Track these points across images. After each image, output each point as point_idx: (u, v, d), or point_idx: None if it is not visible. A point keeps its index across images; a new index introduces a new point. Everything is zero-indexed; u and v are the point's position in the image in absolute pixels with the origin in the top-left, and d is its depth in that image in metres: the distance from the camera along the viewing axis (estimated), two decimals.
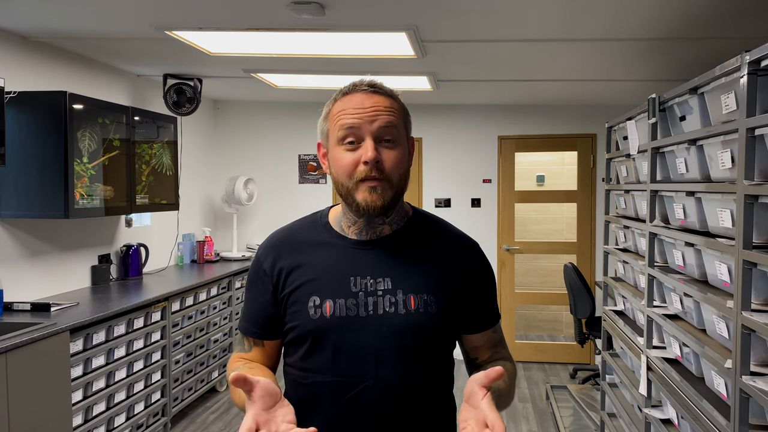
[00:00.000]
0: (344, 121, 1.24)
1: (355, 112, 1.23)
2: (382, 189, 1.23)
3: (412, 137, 1.34)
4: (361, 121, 1.23)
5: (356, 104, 1.24)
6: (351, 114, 1.23)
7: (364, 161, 1.21)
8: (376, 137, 1.23)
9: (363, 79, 1.29)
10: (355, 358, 1.24)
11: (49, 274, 3.68)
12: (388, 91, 1.29)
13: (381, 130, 1.23)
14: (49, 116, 3.32)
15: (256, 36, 3.26)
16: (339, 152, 1.25)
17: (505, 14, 2.86)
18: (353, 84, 1.28)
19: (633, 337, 2.92)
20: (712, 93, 2.05)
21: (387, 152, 1.24)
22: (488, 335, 1.37)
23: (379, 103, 1.25)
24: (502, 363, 1.35)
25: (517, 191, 5.84)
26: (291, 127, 5.92)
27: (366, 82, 1.28)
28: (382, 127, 1.23)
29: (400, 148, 1.26)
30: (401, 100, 1.32)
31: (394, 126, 1.25)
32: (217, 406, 4.58)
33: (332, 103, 1.29)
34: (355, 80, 1.29)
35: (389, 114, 1.25)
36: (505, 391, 1.26)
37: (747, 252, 1.74)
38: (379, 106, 1.24)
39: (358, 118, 1.23)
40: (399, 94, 1.32)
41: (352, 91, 1.27)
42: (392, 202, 1.26)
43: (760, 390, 1.65)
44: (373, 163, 1.21)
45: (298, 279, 1.29)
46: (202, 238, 5.44)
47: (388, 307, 1.25)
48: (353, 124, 1.23)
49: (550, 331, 6.74)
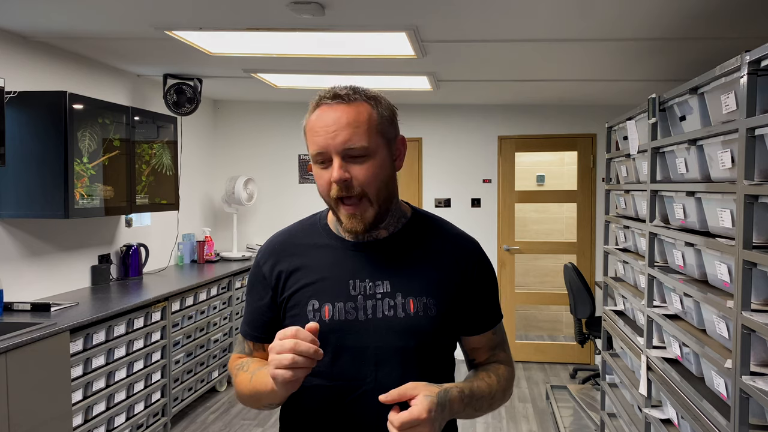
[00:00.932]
0: (313, 140, 1.22)
1: (320, 131, 1.20)
2: (361, 211, 1.22)
3: (401, 135, 1.30)
4: (325, 141, 1.19)
5: (321, 121, 1.21)
6: (316, 133, 1.21)
7: (333, 181, 1.20)
8: (343, 155, 1.19)
9: (334, 87, 1.24)
10: (354, 362, 1.23)
11: (49, 274, 3.68)
12: (359, 97, 1.22)
13: (345, 147, 1.19)
14: (49, 116, 3.32)
15: (256, 36, 3.26)
16: (316, 170, 1.25)
17: (505, 14, 2.86)
18: (319, 95, 1.24)
19: (633, 337, 2.92)
20: (712, 93, 2.05)
21: (357, 168, 1.20)
22: (488, 337, 1.36)
23: (342, 117, 1.19)
24: (495, 367, 1.35)
25: (517, 191, 5.84)
26: (291, 127, 5.92)
27: (331, 93, 1.22)
28: (346, 144, 1.19)
29: (372, 160, 1.21)
30: (381, 100, 1.26)
31: (361, 140, 1.19)
32: (217, 406, 4.58)
33: (308, 114, 1.26)
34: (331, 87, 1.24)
35: (353, 127, 1.19)
36: (485, 394, 1.27)
37: (747, 252, 1.74)
38: (341, 121, 1.19)
39: (322, 137, 1.20)
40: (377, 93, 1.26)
41: (318, 103, 1.24)
42: (376, 219, 1.24)
43: (760, 390, 1.65)
44: (341, 183, 1.19)
45: (296, 283, 1.29)
46: (202, 238, 5.44)
47: (387, 311, 1.24)
48: (319, 144, 1.20)
49: (550, 331, 6.73)
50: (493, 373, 1.33)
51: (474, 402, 1.23)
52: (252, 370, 1.29)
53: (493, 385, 1.29)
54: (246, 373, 1.30)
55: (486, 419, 4.39)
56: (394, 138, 1.28)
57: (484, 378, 1.30)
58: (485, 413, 1.30)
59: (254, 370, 1.28)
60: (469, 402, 1.22)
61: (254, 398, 1.27)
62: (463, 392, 1.21)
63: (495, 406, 1.31)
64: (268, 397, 1.21)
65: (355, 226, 1.22)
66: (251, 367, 1.30)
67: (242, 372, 1.31)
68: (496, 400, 1.31)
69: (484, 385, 1.27)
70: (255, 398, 1.27)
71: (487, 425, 4.30)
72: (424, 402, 1.10)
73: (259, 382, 1.23)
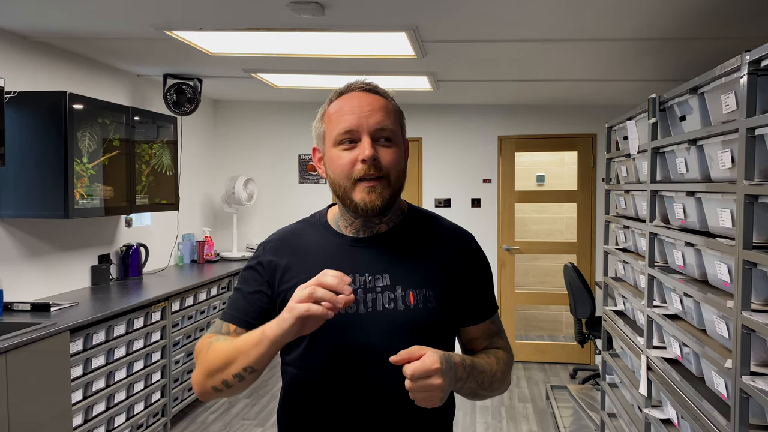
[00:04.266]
0: (341, 119, 1.24)
1: (353, 110, 1.24)
2: (381, 188, 1.23)
3: (407, 139, 1.35)
4: (358, 120, 1.23)
5: (353, 104, 1.25)
6: (348, 113, 1.24)
7: (362, 159, 1.21)
8: (373, 136, 1.24)
9: (358, 80, 1.30)
10: (354, 355, 1.24)
11: (49, 274, 3.68)
12: (383, 92, 1.30)
13: (378, 128, 1.24)
14: (49, 116, 3.32)
15: (256, 36, 3.26)
16: (336, 152, 1.25)
17: (505, 14, 2.87)
18: (348, 84, 1.29)
19: (633, 337, 2.92)
20: (712, 93, 2.05)
21: (384, 150, 1.24)
22: (485, 326, 1.38)
23: (375, 102, 1.26)
24: (494, 351, 1.36)
25: (517, 191, 5.84)
26: (291, 127, 5.92)
27: (361, 82, 1.29)
28: (379, 125, 1.24)
29: (396, 147, 1.27)
30: (396, 102, 1.33)
31: (391, 125, 1.25)
32: (217, 406, 4.57)
33: (327, 104, 1.30)
34: (351, 81, 1.30)
35: (385, 113, 1.26)
36: (486, 370, 1.27)
37: (747, 252, 1.74)
38: (374, 104, 1.26)
39: (355, 116, 1.23)
40: (394, 96, 1.33)
41: (347, 90, 1.28)
42: (390, 202, 1.26)
43: (760, 390, 1.65)
44: (370, 160, 1.21)
45: (295, 277, 1.28)
46: (202, 238, 5.44)
47: (387, 304, 1.25)
48: (350, 122, 1.23)
49: (550, 331, 6.73)
50: (493, 355, 1.34)
51: (476, 373, 1.24)
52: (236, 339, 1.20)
53: (493, 365, 1.31)
54: (225, 342, 1.22)
55: (486, 419, 4.39)
56: (404, 137, 1.34)
57: (483, 357, 1.31)
58: (486, 394, 1.30)
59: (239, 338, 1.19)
60: (470, 372, 1.22)
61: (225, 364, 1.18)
62: (464, 360, 1.22)
63: (495, 386, 1.31)
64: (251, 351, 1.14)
65: (374, 200, 1.23)
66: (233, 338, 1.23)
67: (218, 342, 1.23)
68: (497, 380, 1.31)
69: (484, 362, 1.29)
70: (226, 363, 1.18)
71: (487, 425, 4.30)
72: (434, 355, 1.11)
73: (244, 341, 1.16)
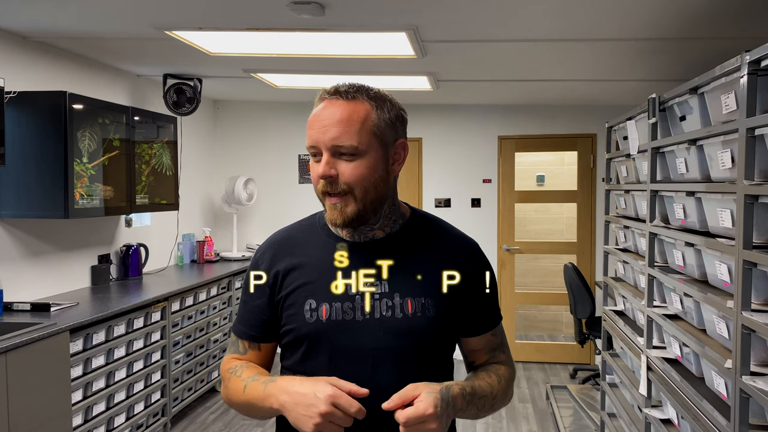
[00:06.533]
0: (308, 132, 1.23)
1: (315, 125, 1.22)
2: (342, 205, 1.22)
3: (402, 139, 1.28)
4: (317, 135, 1.21)
5: (320, 116, 1.22)
6: (311, 127, 1.22)
7: (318, 176, 1.22)
8: (333, 152, 1.20)
9: (337, 84, 1.24)
10: (351, 362, 1.23)
11: (49, 274, 3.68)
12: (356, 95, 1.22)
13: (334, 144, 1.19)
14: (49, 116, 3.32)
15: (256, 36, 3.26)
16: (312, 163, 1.25)
17: (505, 14, 2.86)
18: (324, 89, 1.25)
19: (633, 337, 2.92)
20: (712, 93, 2.05)
21: (345, 165, 1.20)
22: (487, 338, 1.36)
23: (336, 114, 1.20)
24: (495, 367, 1.34)
25: (517, 191, 5.84)
26: (291, 127, 5.92)
27: (333, 88, 1.23)
28: (335, 141, 1.19)
29: (361, 160, 1.20)
30: (387, 102, 1.25)
31: (350, 140, 1.19)
32: (216, 406, 4.57)
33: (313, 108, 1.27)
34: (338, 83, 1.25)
35: (344, 125, 1.19)
36: (487, 393, 1.26)
37: (747, 252, 1.74)
38: (334, 117, 1.19)
39: (315, 131, 1.21)
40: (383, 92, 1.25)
41: (320, 97, 1.25)
42: (358, 217, 1.23)
43: (760, 390, 1.64)
44: (326, 179, 1.21)
45: (294, 281, 1.28)
46: (202, 238, 5.44)
47: (384, 311, 1.24)
48: (311, 137, 1.22)
49: (550, 331, 6.73)
50: (494, 373, 1.32)
51: (476, 400, 1.23)
52: (245, 378, 1.26)
53: (494, 385, 1.29)
54: (239, 380, 1.27)
55: (486, 419, 4.39)
56: (393, 142, 1.26)
57: (484, 377, 1.29)
58: (487, 414, 1.30)
59: (247, 378, 1.26)
60: (471, 400, 1.21)
61: (247, 408, 1.26)
62: (465, 390, 1.20)
63: (497, 406, 1.30)
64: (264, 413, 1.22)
65: (335, 218, 1.23)
66: (244, 373, 1.28)
67: (234, 377, 1.29)
68: (498, 400, 1.30)
69: (485, 384, 1.27)
70: (248, 408, 1.26)
71: (487, 425, 4.30)
72: (428, 398, 1.10)
73: (254, 396, 1.22)
